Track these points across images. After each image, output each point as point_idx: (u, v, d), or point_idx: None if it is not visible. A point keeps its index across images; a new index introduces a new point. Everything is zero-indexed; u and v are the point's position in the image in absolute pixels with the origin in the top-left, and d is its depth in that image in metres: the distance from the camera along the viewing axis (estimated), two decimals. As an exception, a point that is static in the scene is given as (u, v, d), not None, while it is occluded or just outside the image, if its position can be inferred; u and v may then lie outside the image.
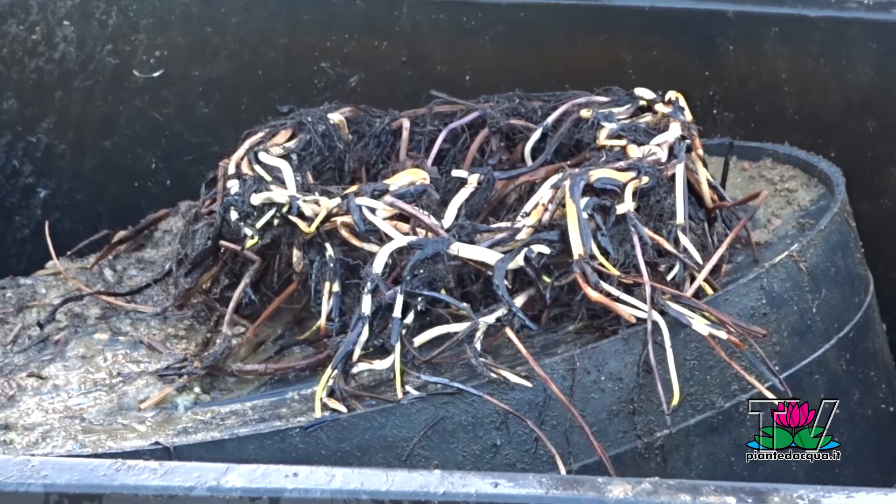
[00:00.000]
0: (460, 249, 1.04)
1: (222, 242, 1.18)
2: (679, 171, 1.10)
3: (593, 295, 1.01)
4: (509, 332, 1.02)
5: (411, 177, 1.11)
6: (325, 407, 1.01)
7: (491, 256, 1.04)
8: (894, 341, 1.23)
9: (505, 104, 1.24)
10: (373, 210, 1.07)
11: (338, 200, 1.09)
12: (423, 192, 1.08)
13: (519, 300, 1.04)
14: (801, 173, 1.29)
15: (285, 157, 1.21)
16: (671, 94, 1.20)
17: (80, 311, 1.22)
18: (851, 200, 1.22)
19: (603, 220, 1.04)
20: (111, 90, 1.49)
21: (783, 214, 1.22)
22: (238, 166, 1.19)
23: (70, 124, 1.50)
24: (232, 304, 1.15)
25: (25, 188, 1.51)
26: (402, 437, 0.98)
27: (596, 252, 1.03)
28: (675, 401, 0.99)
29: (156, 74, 1.49)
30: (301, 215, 1.10)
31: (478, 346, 1.02)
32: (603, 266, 1.02)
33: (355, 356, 1.02)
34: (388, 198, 1.08)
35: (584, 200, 1.04)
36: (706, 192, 1.15)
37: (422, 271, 1.04)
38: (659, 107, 1.18)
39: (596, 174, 1.07)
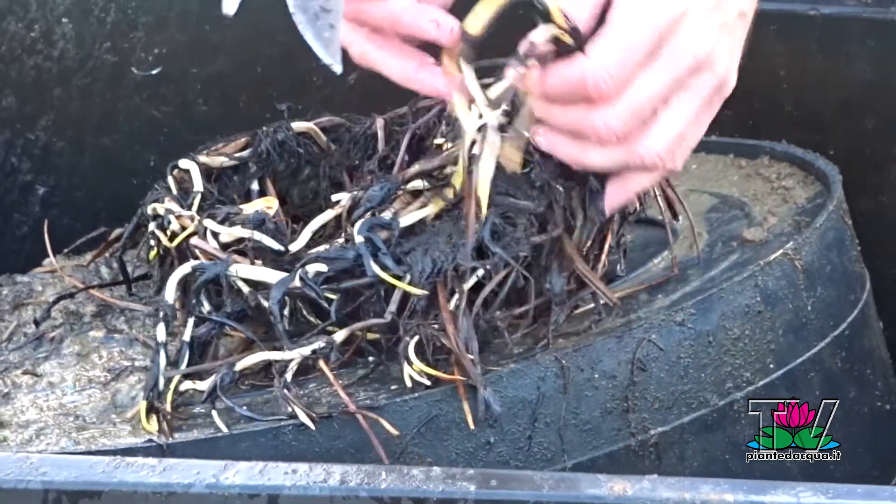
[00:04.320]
0: (239, 270, 1.05)
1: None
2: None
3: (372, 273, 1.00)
4: (322, 364, 1.01)
5: (263, 204, 1.12)
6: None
7: (272, 276, 1.04)
8: (891, 338, 1.23)
9: None
10: (216, 234, 1.08)
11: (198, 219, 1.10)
12: (262, 220, 1.08)
13: (340, 335, 1.02)
14: (798, 171, 1.29)
15: (238, 166, 1.21)
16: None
17: (75, 308, 1.22)
18: (850, 198, 1.22)
19: (385, 240, 1.02)
20: (110, 88, 1.49)
21: (780, 212, 1.22)
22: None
23: (69, 122, 1.50)
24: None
25: (24, 186, 1.51)
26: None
27: (379, 272, 1.00)
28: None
29: (154, 72, 1.49)
30: (164, 228, 1.12)
31: (288, 377, 1.00)
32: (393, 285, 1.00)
33: (161, 384, 1.02)
34: (228, 224, 1.09)
35: (359, 223, 1.02)
36: None
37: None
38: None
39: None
